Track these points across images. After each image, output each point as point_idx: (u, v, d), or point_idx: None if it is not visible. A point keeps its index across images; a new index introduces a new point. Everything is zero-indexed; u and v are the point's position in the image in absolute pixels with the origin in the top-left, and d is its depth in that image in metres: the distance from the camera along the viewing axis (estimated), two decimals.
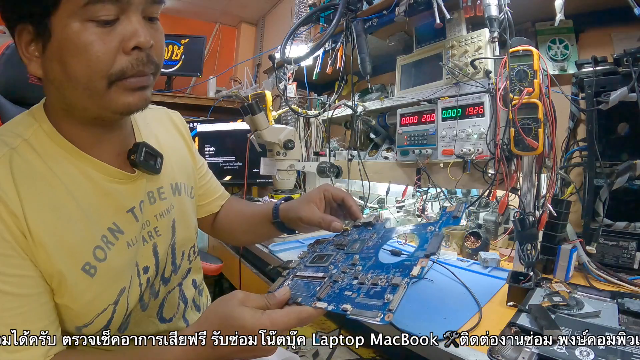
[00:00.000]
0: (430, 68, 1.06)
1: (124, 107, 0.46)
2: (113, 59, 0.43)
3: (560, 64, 1.04)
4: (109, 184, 0.52)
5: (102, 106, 0.46)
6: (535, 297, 0.67)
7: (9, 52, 0.86)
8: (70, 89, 0.45)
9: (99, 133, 0.51)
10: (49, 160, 0.47)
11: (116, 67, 0.43)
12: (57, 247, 0.44)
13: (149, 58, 0.46)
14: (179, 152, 0.67)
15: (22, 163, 0.44)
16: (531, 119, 0.77)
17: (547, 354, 0.50)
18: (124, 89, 0.45)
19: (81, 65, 0.42)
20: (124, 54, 0.44)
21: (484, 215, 1.15)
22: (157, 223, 0.58)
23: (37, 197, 0.44)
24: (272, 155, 1.31)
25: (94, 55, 0.42)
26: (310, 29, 1.46)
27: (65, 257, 0.45)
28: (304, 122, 1.60)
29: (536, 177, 0.83)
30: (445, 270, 0.91)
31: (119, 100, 0.45)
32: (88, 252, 0.47)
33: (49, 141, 0.48)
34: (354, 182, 1.36)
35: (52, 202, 0.45)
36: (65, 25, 0.41)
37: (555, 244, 0.83)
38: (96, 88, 0.44)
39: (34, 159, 0.46)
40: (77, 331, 0.50)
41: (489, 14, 0.87)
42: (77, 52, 0.42)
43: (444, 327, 0.60)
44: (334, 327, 0.76)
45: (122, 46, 0.43)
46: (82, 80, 0.43)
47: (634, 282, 0.76)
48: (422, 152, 1.02)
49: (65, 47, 0.42)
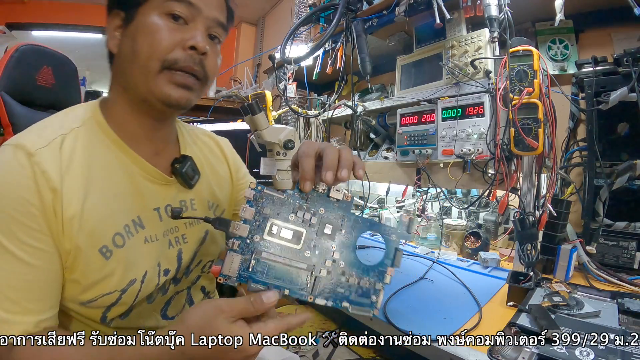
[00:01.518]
0: (430, 68, 1.06)
1: (164, 96, 0.52)
2: (171, 49, 0.51)
3: (560, 64, 1.04)
4: (143, 180, 0.56)
5: (149, 89, 0.52)
6: (535, 297, 0.67)
7: (17, 55, 0.87)
8: (130, 62, 0.52)
9: (144, 125, 0.57)
10: (93, 149, 0.52)
11: (171, 56, 0.51)
12: (81, 226, 0.48)
13: (201, 62, 0.53)
14: (220, 176, 0.72)
15: (70, 148, 0.50)
16: (531, 119, 0.77)
17: (547, 354, 0.50)
18: (170, 79, 0.51)
19: (146, 45, 0.50)
20: (182, 49, 0.51)
21: (484, 215, 1.15)
22: (186, 230, 0.61)
23: (74, 178, 0.49)
24: (272, 155, 1.31)
25: (157, 39, 0.50)
26: (310, 29, 1.46)
27: (86, 236, 0.49)
28: (304, 122, 1.60)
29: (536, 177, 0.83)
30: (445, 270, 0.91)
31: (164, 88, 0.51)
32: (108, 236, 0.51)
33: (98, 131, 0.54)
34: (354, 182, 1.36)
35: (87, 185, 0.50)
36: (146, 14, 0.51)
37: (555, 244, 0.83)
38: (150, 67, 0.50)
39: (80, 145, 0.51)
40: (82, 306, 0.52)
41: (489, 14, 0.87)
42: (147, 34, 0.50)
43: (444, 327, 0.60)
44: (334, 327, 0.76)
45: (182, 43, 0.51)
46: (142, 56, 0.50)
47: (634, 282, 0.76)
48: (422, 152, 1.02)
49: (140, 29, 0.51)
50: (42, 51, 0.93)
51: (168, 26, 0.51)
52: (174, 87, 0.52)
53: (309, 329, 0.75)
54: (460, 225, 1.13)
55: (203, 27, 0.53)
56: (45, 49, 0.94)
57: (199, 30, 0.52)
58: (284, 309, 0.85)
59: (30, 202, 0.45)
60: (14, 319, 0.44)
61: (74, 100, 1.03)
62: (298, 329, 0.46)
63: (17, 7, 3.27)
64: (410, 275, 0.86)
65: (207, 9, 0.53)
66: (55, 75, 0.95)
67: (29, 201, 0.45)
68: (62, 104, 0.99)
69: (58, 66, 0.96)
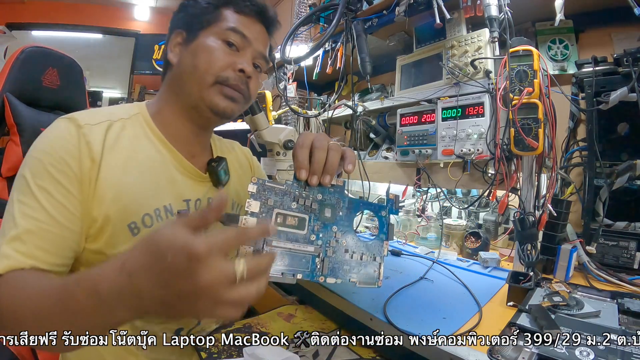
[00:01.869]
0: (430, 68, 1.06)
1: (213, 105, 0.61)
2: (224, 68, 0.61)
3: (560, 64, 1.04)
4: (178, 174, 0.63)
5: (202, 96, 0.61)
6: (535, 297, 0.67)
7: (22, 57, 0.88)
8: (189, 74, 0.61)
9: (187, 128, 0.65)
10: (138, 139, 0.60)
11: (223, 74, 0.61)
12: (114, 199, 0.54)
13: (246, 83, 0.64)
14: (243, 181, 0.79)
15: (116, 132, 0.58)
16: (531, 119, 0.77)
17: (547, 354, 0.50)
18: (220, 92, 0.61)
19: (205, 61, 0.60)
20: (232, 70, 0.62)
21: (484, 215, 1.15)
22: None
23: (115, 157, 0.56)
24: (272, 155, 1.31)
25: (214, 58, 0.61)
26: (310, 29, 1.45)
27: (117, 210, 0.55)
28: (304, 122, 1.60)
29: (536, 177, 0.83)
30: (445, 270, 0.91)
31: (214, 98, 0.61)
32: (138, 214, 0.57)
33: (144, 126, 0.62)
34: (354, 182, 1.36)
35: (125, 166, 0.56)
36: (207, 36, 0.62)
37: (555, 244, 0.83)
38: (205, 80, 0.60)
39: (127, 133, 0.59)
40: None
41: (489, 14, 0.87)
42: (206, 52, 0.61)
43: (444, 327, 0.60)
44: (334, 327, 0.76)
45: (234, 65, 0.62)
46: (200, 70, 0.60)
47: (634, 282, 0.76)
48: (422, 152, 1.02)
49: (200, 48, 0.61)
50: (48, 53, 0.94)
51: (224, 50, 0.62)
52: (222, 98, 0.62)
53: (309, 329, 0.75)
54: (460, 225, 1.13)
55: (250, 56, 0.64)
56: (51, 50, 0.95)
57: (247, 57, 0.63)
58: (284, 309, 0.85)
59: (69, 165, 0.52)
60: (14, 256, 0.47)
61: (80, 101, 1.04)
62: (298, 329, 0.46)
63: (17, 7, 3.27)
64: (410, 275, 0.86)
65: (255, 42, 0.64)
66: (61, 77, 0.96)
67: (68, 164, 0.52)
68: (67, 105, 1.00)
69: (63, 68, 0.97)
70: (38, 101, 0.93)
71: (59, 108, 0.99)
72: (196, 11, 0.64)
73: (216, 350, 0.65)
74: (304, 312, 0.83)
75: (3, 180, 0.86)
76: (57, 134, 0.54)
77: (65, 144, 0.53)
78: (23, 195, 0.50)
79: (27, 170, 0.52)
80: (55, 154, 0.52)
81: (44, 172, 0.51)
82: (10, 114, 0.85)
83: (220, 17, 0.63)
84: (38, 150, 0.53)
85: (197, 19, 0.63)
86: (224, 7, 0.64)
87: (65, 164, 0.52)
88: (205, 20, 0.63)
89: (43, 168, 0.51)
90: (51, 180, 0.51)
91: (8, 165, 0.86)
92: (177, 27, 0.65)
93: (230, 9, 0.64)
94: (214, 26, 0.62)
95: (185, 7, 0.66)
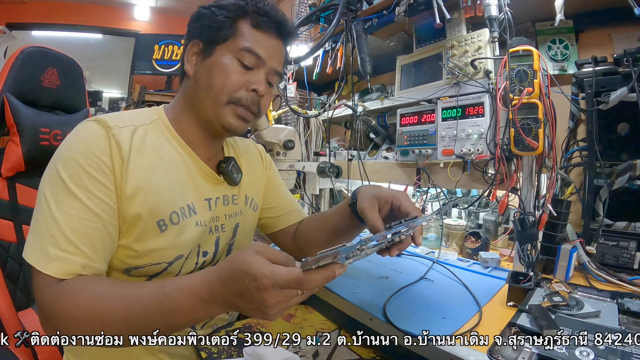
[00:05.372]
0: (430, 68, 1.06)
1: (226, 123, 0.64)
2: (238, 88, 0.63)
3: (560, 64, 1.04)
4: (198, 176, 0.67)
5: (216, 113, 0.64)
6: (535, 297, 0.67)
7: (22, 57, 0.88)
8: (205, 91, 0.63)
9: (202, 135, 0.68)
10: (161, 143, 0.64)
11: (237, 94, 0.63)
12: (144, 199, 0.58)
13: (258, 102, 0.66)
14: (257, 174, 0.83)
15: (141, 137, 0.61)
16: (531, 119, 0.77)
17: (547, 354, 0.50)
18: (234, 111, 0.64)
19: (220, 80, 0.62)
20: (246, 90, 0.64)
21: (484, 215, 1.15)
22: (225, 221, 0.72)
23: (141, 159, 0.59)
24: (272, 155, 1.31)
25: (229, 78, 0.62)
26: (310, 29, 1.45)
27: (147, 208, 0.58)
28: (304, 122, 1.60)
29: (536, 177, 0.83)
30: (445, 270, 0.91)
31: (227, 117, 0.64)
32: (166, 212, 0.60)
33: (165, 130, 0.66)
34: (354, 182, 1.36)
35: (152, 168, 0.60)
36: (223, 54, 0.63)
37: (555, 244, 0.83)
38: (219, 99, 0.63)
39: (149, 139, 0.62)
40: (126, 274, 0.61)
41: (489, 14, 0.87)
42: (223, 72, 0.62)
43: (444, 327, 0.60)
44: (334, 327, 0.76)
45: (247, 85, 0.64)
46: (215, 88, 0.62)
47: (634, 282, 0.76)
48: (422, 152, 1.02)
49: (217, 65, 0.63)
50: (47, 53, 0.94)
51: (238, 70, 0.63)
52: (235, 118, 0.64)
53: (309, 329, 0.75)
54: (460, 225, 1.13)
55: (264, 74, 0.65)
56: (51, 50, 0.95)
57: (261, 77, 0.65)
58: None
59: (104, 162, 0.55)
60: (65, 257, 0.50)
61: (80, 102, 1.04)
62: (298, 329, 0.46)
63: (17, 7, 3.27)
64: (410, 275, 0.86)
65: (270, 61, 0.65)
66: (61, 77, 0.96)
67: (104, 161, 0.55)
68: (67, 105, 1.00)
69: (63, 68, 0.97)
70: (38, 101, 0.93)
71: (59, 108, 0.99)
72: (213, 24, 0.63)
73: (216, 350, 0.65)
74: (303, 312, 0.83)
75: (3, 180, 0.86)
76: (89, 135, 0.56)
77: (99, 143, 0.55)
78: (61, 196, 0.52)
79: (62, 171, 0.53)
80: (90, 154, 0.54)
81: (81, 172, 0.53)
82: (10, 114, 0.85)
83: (237, 32, 0.63)
84: (71, 150, 0.55)
85: (214, 33, 0.63)
86: (240, 19, 0.63)
87: (101, 162, 0.55)
88: (222, 36, 0.63)
89: (80, 167, 0.53)
90: (90, 178, 0.53)
91: (8, 166, 0.86)
92: (194, 37, 0.65)
93: (247, 22, 0.63)
94: (230, 42, 0.62)
95: (203, 16, 0.65)
